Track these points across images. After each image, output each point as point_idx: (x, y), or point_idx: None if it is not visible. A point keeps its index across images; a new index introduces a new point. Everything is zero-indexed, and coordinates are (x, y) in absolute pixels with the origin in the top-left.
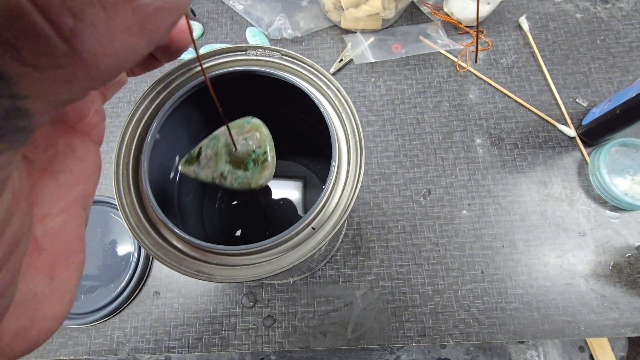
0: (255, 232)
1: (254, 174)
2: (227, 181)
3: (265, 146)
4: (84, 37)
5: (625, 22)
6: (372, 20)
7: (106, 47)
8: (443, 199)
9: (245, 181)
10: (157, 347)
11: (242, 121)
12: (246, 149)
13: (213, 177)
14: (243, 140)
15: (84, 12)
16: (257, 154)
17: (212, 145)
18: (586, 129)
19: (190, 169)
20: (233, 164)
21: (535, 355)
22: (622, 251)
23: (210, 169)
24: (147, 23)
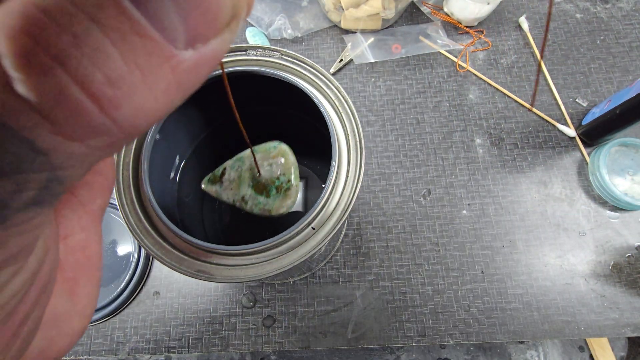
0: (255, 232)
1: (276, 201)
2: (248, 206)
3: (290, 174)
4: (122, 107)
5: (625, 22)
6: (372, 20)
7: (145, 111)
8: (443, 199)
9: (266, 208)
10: (157, 347)
11: (269, 146)
12: (270, 175)
13: (234, 199)
14: (268, 165)
15: (123, 80)
16: (281, 181)
17: (237, 167)
18: (586, 129)
19: (213, 189)
20: (255, 189)
21: (535, 355)
22: (622, 251)
23: (232, 191)
24: (186, 78)
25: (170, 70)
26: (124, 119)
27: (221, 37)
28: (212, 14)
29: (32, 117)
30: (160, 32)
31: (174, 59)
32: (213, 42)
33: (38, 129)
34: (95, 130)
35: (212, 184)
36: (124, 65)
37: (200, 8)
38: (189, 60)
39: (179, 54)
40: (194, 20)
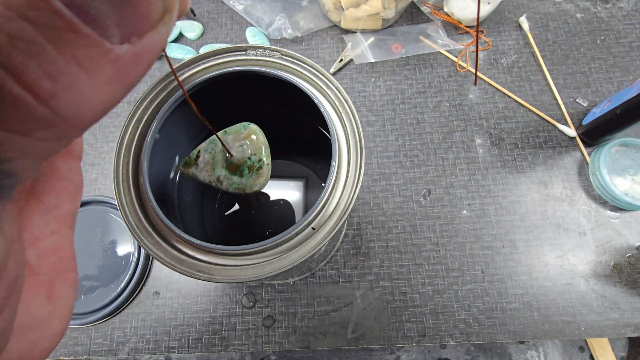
0: (255, 232)
1: (249, 180)
2: (223, 185)
3: (260, 153)
4: (64, 99)
5: (626, 22)
6: (372, 20)
7: (88, 102)
8: (443, 199)
9: (240, 187)
10: (157, 347)
11: (240, 126)
12: (242, 155)
13: (210, 180)
14: (239, 146)
15: (61, 73)
16: (252, 161)
17: (210, 149)
18: (586, 129)
19: (189, 171)
20: (229, 169)
21: (536, 355)
22: (623, 251)
23: (207, 172)
24: (126, 70)
25: (110, 63)
26: (67, 110)
27: (156, 30)
28: (143, 9)
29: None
30: (94, 28)
31: (111, 53)
32: (149, 35)
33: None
34: (38, 122)
35: (188, 166)
36: (61, 58)
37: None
38: (126, 54)
39: (115, 48)
40: (126, 16)
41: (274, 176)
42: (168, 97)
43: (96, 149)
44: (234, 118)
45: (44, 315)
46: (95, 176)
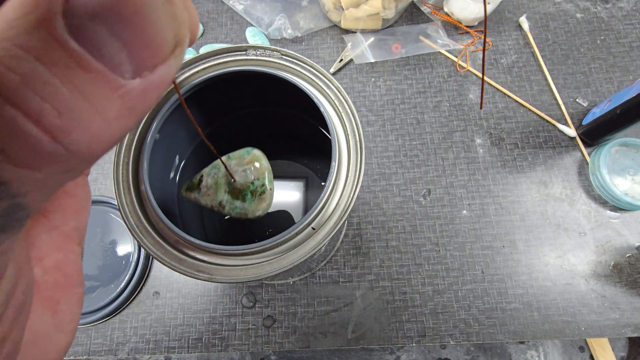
0: (255, 233)
1: (252, 205)
2: (225, 210)
3: (263, 179)
4: (74, 135)
5: (626, 22)
6: (372, 20)
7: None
8: (443, 199)
9: (242, 212)
10: (157, 347)
11: (243, 152)
12: (245, 180)
13: (212, 205)
14: (242, 171)
15: (70, 110)
16: (255, 186)
17: (213, 174)
18: (586, 129)
19: (192, 196)
20: (231, 194)
21: (536, 355)
22: (623, 251)
23: (209, 197)
24: (136, 104)
25: (120, 99)
26: (77, 145)
27: (167, 63)
28: (155, 44)
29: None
30: (106, 64)
31: (122, 89)
32: (160, 68)
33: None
34: (49, 158)
35: (191, 191)
36: (71, 96)
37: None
38: (137, 88)
39: (127, 83)
40: (138, 52)
41: (274, 176)
42: (168, 97)
43: None
44: (234, 118)
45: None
46: (95, 176)
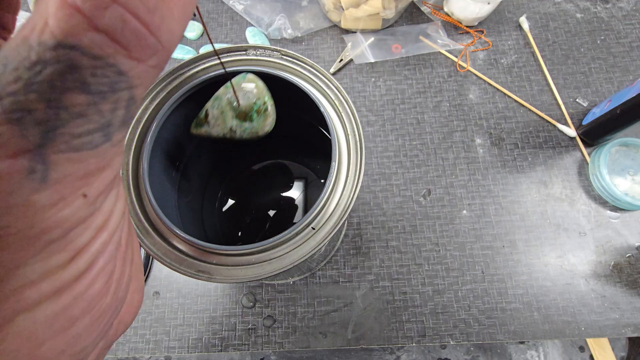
0: (255, 233)
1: (259, 122)
2: (237, 134)
3: (263, 97)
4: (162, 30)
5: (626, 22)
6: (372, 20)
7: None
8: (443, 199)
9: (253, 131)
10: (157, 347)
11: (239, 78)
12: (247, 102)
13: (224, 133)
14: (244, 95)
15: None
16: (258, 105)
17: (217, 105)
18: (586, 129)
19: (202, 130)
20: (239, 117)
21: (536, 355)
22: (623, 251)
23: (219, 126)
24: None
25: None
26: (165, 38)
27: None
28: None
29: (113, 46)
30: None
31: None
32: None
33: (118, 55)
34: (150, 50)
35: (200, 126)
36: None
37: None
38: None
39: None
40: None
41: (275, 176)
42: (168, 97)
43: None
44: None
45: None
46: None
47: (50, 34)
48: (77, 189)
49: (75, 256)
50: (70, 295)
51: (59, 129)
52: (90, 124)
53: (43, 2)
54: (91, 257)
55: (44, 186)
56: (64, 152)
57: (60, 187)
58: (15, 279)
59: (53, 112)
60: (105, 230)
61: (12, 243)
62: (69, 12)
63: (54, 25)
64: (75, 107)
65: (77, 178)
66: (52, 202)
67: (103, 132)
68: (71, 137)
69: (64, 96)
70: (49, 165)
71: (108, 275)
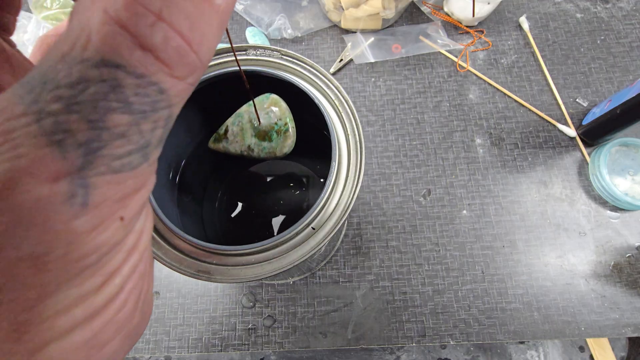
0: (255, 233)
1: (278, 143)
2: (255, 152)
3: (285, 118)
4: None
5: (626, 22)
6: (372, 20)
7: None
8: (443, 199)
9: (271, 151)
10: (157, 347)
11: (262, 97)
12: (268, 122)
13: (242, 150)
14: (265, 114)
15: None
16: (278, 125)
17: (237, 122)
18: (586, 129)
19: (220, 145)
20: (258, 137)
21: (536, 355)
22: (623, 251)
23: (238, 143)
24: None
25: (216, 14)
26: (204, 55)
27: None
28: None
29: (155, 64)
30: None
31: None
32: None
33: (160, 73)
34: (191, 68)
35: (219, 142)
36: (195, 12)
37: None
38: (223, 4)
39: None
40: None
41: (275, 176)
42: None
43: None
44: None
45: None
46: None
47: (95, 50)
48: (115, 211)
49: (107, 280)
50: (101, 321)
51: (101, 150)
52: (130, 145)
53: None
54: (123, 280)
55: (84, 211)
56: (104, 175)
57: (99, 211)
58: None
59: (95, 133)
60: (136, 251)
61: (48, 270)
62: (114, 29)
63: (98, 41)
64: (117, 127)
65: (116, 201)
66: (91, 227)
67: (142, 153)
68: (112, 159)
69: (107, 116)
70: (89, 189)
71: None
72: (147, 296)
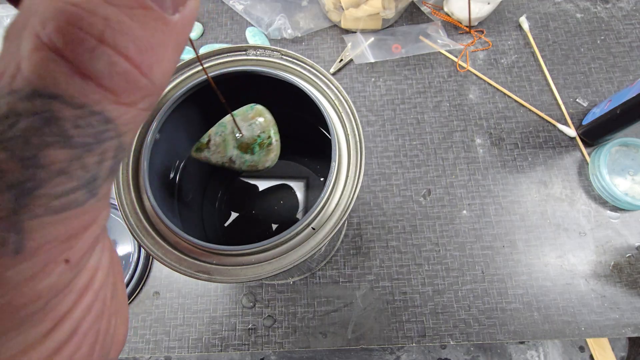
0: (255, 233)
1: (260, 157)
2: (236, 165)
3: (269, 131)
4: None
5: (626, 22)
6: (372, 20)
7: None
8: (443, 199)
9: (252, 164)
10: (157, 347)
11: (246, 108)
12: (251, 134)
13: (223, 162)
14: (248, 126)
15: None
16: (262, 138)
17: (220, 132)
18: (586, 129)
19: (202, 155)
20: (240, 148)
21: (536, 355)
22: (623, 251)
23: (219, 154)
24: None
25: (172, 33)
26: (158, 78)
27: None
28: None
29: (97, 92)
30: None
31: (170, 24)
32: (189, 2)
33: (104, 101)
34: (142, 93)
35: (201, 151)
36: (144, 34)
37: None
38: (179, 22)
39: (172, 19)
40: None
41: (274, 176)
42: (168, 98)
43: None
44: None
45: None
46: None
47: (25, 80)
48: (58, 254)
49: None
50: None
51: (36, 190)
52: (72, 182)
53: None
54: (75, 323)
55: (19, 258)
56: (41, 217)
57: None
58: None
59: (29, 172)
60: (89, 290)
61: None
62: (47, 55)
63: (29, 70)
64: (55, 164)
65: (59, 243)
66: (29, 275)
67: (88, 188)
68: (50, 199)
69: (42, 153)
70: (23, 234)
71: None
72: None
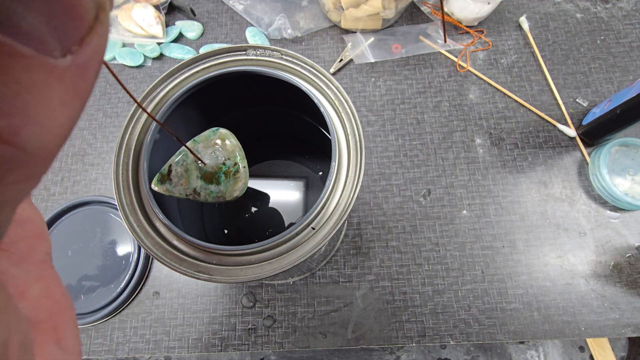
0: (255, 233)
1: (227, 187)
2: (201, 197)
3: (234, 157)
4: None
5: (626, 22)
6: (372, 20)
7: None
8: (443, 199)
9: (219, 195)
10: (156, 347)
11: (209, 133)
12: (215, 162)
13: (187, 194)
14: (212, 153)
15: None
16: (227, 166)
17: (181, 161)
18: (586, 129)
19: (163, 188)
20: (204, 179)
21: (536, 355)
22: (623, 251)
23: (182, 186)
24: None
25: (58, 81)
26: (31, 144)
27: (94, 32)
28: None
29: None
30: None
31: (56, 69)
32: (88, 40)
33: None
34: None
35: (162, 183)
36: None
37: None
38: (72, 67)
39: (59, 62)
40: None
41: (274, 176)
42: (168, 97)
43: (96, 149)
44: (234, 118)
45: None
46: (95, 176)
47: None
48: None
49: None
50: None
51: None
52: None
53: None
54: None
55: None
56: None
57: None
58: None
59: None
60: None
61: None
62: None
63: None
64: None
65: None
66: None
67: None
68: None
69: None
70: None
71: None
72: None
